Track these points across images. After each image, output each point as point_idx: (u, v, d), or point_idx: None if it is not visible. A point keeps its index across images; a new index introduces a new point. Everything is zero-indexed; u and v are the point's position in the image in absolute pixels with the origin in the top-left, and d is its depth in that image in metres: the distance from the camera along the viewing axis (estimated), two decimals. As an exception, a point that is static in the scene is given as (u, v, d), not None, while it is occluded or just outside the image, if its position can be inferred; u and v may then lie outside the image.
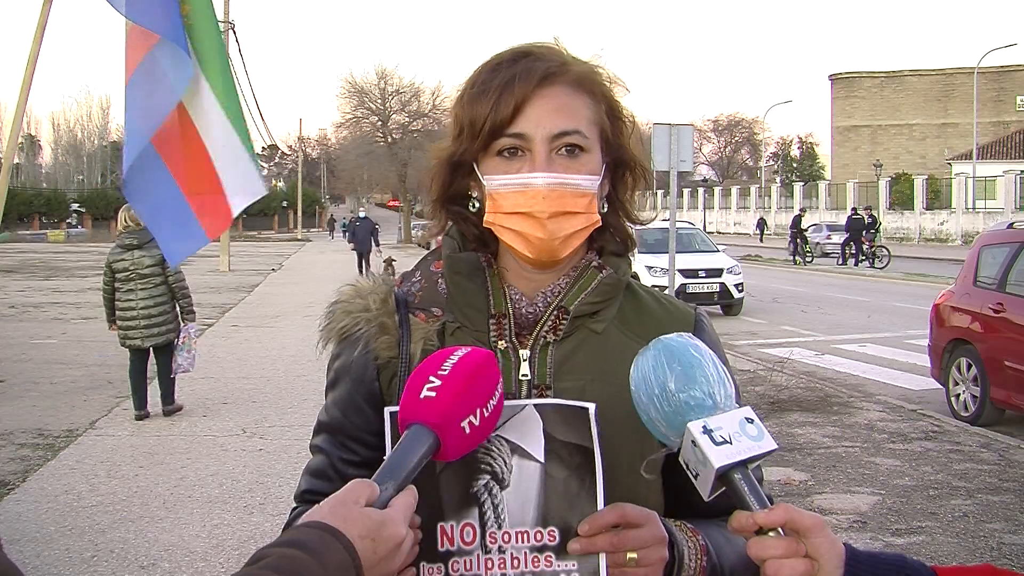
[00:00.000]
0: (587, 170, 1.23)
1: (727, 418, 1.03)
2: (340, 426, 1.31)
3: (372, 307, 1.29)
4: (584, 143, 1.23)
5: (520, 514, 1.12)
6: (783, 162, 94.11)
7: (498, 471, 1.13)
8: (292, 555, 0.92)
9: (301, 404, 9.06)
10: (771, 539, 1.00)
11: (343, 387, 1.31)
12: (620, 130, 1.29)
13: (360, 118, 59.71)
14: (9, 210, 43.00)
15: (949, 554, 5.06)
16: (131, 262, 8.45)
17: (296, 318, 16.28)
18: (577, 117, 1.23)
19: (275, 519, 5.64)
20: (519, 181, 1.22)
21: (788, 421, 8.30)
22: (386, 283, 1.33)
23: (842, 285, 24.12)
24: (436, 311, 1.30)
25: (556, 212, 1.21)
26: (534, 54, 1.25)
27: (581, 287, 1.28)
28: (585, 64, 1.28)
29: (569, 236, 1.23)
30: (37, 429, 8.05)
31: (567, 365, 1.26)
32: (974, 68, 52.34)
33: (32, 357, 11.94)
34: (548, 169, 1.21)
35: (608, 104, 1.28)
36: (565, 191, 1.21)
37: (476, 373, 1.07)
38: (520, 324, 1.28)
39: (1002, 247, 8.88)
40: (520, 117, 1.21)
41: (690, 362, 1.05)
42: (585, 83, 1.25)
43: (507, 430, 1.14)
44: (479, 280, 1.29)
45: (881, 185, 50.56)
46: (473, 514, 1.13)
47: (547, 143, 1.21)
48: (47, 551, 5.19)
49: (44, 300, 20.01)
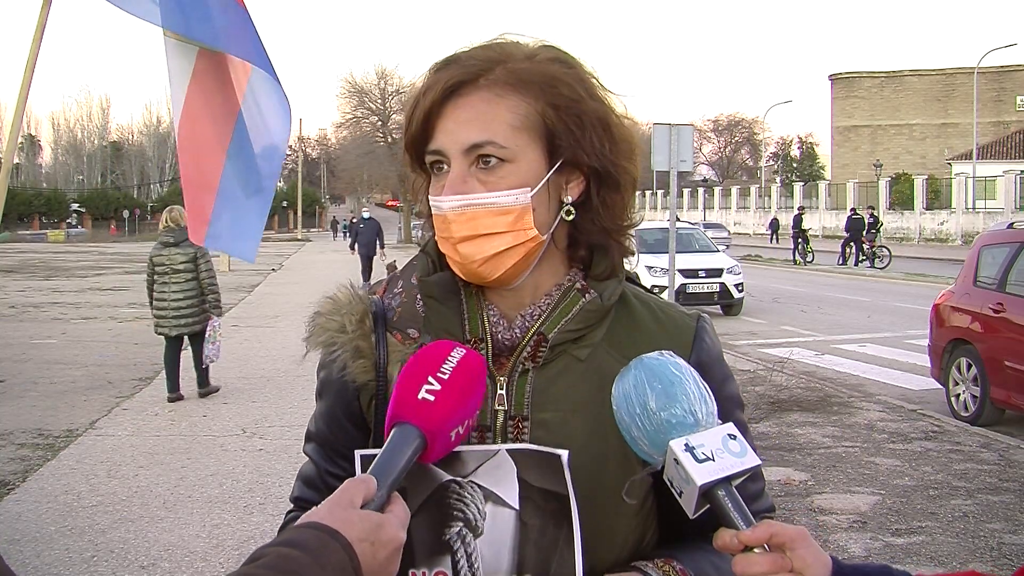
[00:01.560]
0: (509, 184, 1.13)
1: (709, 435, 1.02)
2: (325, 439, 1.29)
3: (348, 328, 1.22)
4: (502, 153, 1.13)
5: (494, 562, 1.09)
6: (783, 162, 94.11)
7: (471, 518, 1.09)
8: (290, 555, 0.91)
9: (301, 404, 9.06)
10: (756, 556, 1.00)
11: (326, 401, 1.29)
12: (579, 128, 1.15)
13: (360, 118, 59.76)
14: (9, 210, 42.85)
15: (949, 554, 5.06)
16: (167, 258, 9.20)
17: (296, 318, 16.24)
18: (492, 125, 1.13)
19: (275, 519, 5.64)
20: (435, 204, 1.17)
21: (788, 421, 8.29)
22: (363, 301, 1.25)
23: (842, 285, 24.10)
24: (412, 333, 1.23)
25: (466, 236, 1.14)
26: (458, 61, 1.16)
27: (562, 312, 1.19)
28: (532, 60, 1.16)
29: (491, 258, 1.14)
30: (37, 429, 8.05)
31: (546, 395, 1.18)
32: (974, 68, 52.32)
33: (32, 357, 11.94)
34: (457, 190, 1.13)
35: (553, 102, 1.14)
36: (477, 211, 1.13)
37: (473, 383, 1.06)
38: (498, 349, 1.20)
39: (1002, 247, 8.87)
40: (436, 132, 1.15)
41: (671, 380, 1.04)
42: (514, 84, 1.14)
43: (480, 476, 1.11)
44: (453, 303, 1.22)
45: (881, 185, 50.54)
46: (446, 562, 1.09)
47: (462, 158, 1.14)
48: (47, 551, 5.19)
49: (44, 300, 20.01)
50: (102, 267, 31.93)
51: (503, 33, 1.21)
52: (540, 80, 1.14)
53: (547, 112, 1.14)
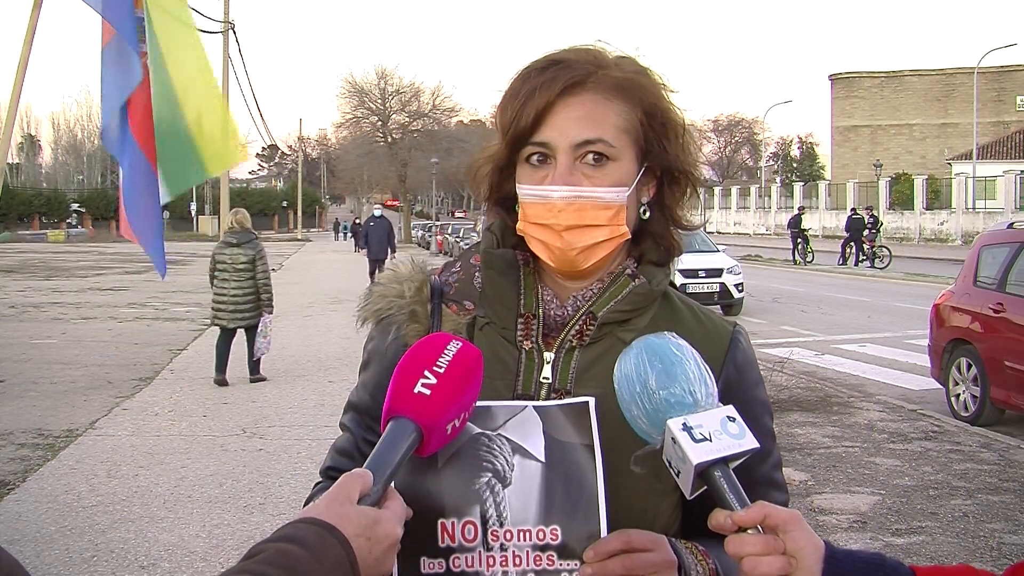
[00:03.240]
0: (612, 181, 1.22)
1: (708, 416, 1.04)
2: (367, 408, 1.33)
3: (406, 294, 1.31)
4: (610, 152, 1.21)
5: (522, 512, 1.12)
6: (783, 162, 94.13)
7: (500, 469, 1.13)
8: (288, 550, 0.92)
9: (301, 404, 9.07)
10: (749, 536, 1.01)
11: (373, 369, 1.33)
12: (664, 136, 1.26)
13: (360, 118, 59.79)
14: (9, 210, 43.07)
15: (949, 554, 5.07)
16: (230, 257, 10.00)
17: (296, 318, 16.28)
18: (603, 125, 1.21)
19: (275, 519, 5.64)
20: (539, 193, 1.22)
21: (788, 421, 8.29)
22: (423, 271, 1.34)
23: (842, 285, 24.11)
24: (468, 304, 1.30)
25: (573, 225, 1.21)
26: (565, 62, 1.23)
27: (612, 294, 1.27)
28: (623, 69, 1.25)
29: (589, 248, 1.22)
30: (37, 429, 8.05)
31: (590, 372, 1.24)
32: (974, 68, 52.29)
33: (32, 357, 11.94)
34: (567, 181, 1.20)
35: (647, 110, 1.24)
36: (584, 204, 1.21)
37: (468, 376, 1.08)
38: (548, 326, 1.27)
39: (1002, 247, 8.88)
40: (544, 126, 1.21)
41: (671, 360, 1.06)
42: (618, 89, 1.23)
43: (508, 430, 1.15)
44: (512, 278, 1.29)
45: (881, 185, 50.54)
46: (475, 511, 1.12)
47: (570, 152, 1.20)
48: (47, 551, 5.19)
49: (44, 300, 20.01)
50: (102, 267, 31.93)
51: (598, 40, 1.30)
52: (639, 90, 1.24)
53: (643, 119, 1.24)
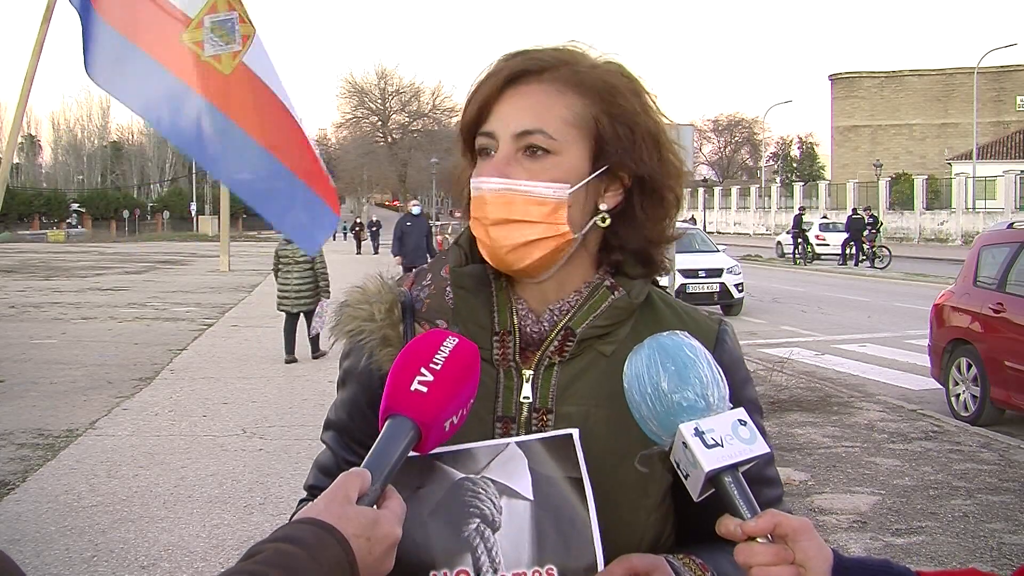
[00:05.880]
0: (550, 176, 1.15)
1: (720, 420, 1.02)
2: (345, 427, 1.30)
3: (376, 316, 1.24)
4: (549, 144, 1.15)
5: (515, 555, 1.08)
6: (783, 162, 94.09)
7: (488, 514, 1.09)
8: (287, 550, 0.92)
9: (301, 404, 9.07)
10: (759, 546, 0.99)
11: (349, 389, 1.30)
12: (631, 140, 1.18)
13: (360, 118, 59.93)
14: (9, 210, 42.90)
15: (949, 554, 5.06)
16: (290, 252, 11.32)
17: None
18: (546, 116, 1.15)
19: (275, 519, 5.64)
20: (474, 185, 1.18)
21: (788, 421, 8.29)
22: (392, 290, 1.27)
23: (842, 285, 24.11)
24: (441, 323, 1.24)
25: (500, 219, 1.15)
26: (526, 54, 1.19)
27: (591, 308, 1.21)
28: (592, 66, 1.19)
29: (521, 246, 1.15)
30: (37, 429, 8.04)
31: (571, 389, 1.20)
32: (974, 68, 52.32)
33: (32, 357, 11.94)
34: (501, 172, 1.15)
35: (610, 110, 1.17)
36: (513, 197, 1.14)
37: (466, 373, 1.06)
38: (526, 342, 1.21)
39: (1002, 247, 8.87)
40: (490, 116, 1.17)
41: (684, 362, 1.03)
42: (576, 84, 1.17)
43: (492, 471, 1.11)
44: (484, 295, 1.23)
45: (881, 185, 50.56)
46: (467, 560, 1.08)
47: (511, 142, 1.16)
48: (47, 551, 5.19)
49: (44, 300, 20.00)
50: (102, 267, 31.91)
51: (572, 40, 1.25)
52: (601, 87, 1.18)
53: (601, 118, 1.18)
